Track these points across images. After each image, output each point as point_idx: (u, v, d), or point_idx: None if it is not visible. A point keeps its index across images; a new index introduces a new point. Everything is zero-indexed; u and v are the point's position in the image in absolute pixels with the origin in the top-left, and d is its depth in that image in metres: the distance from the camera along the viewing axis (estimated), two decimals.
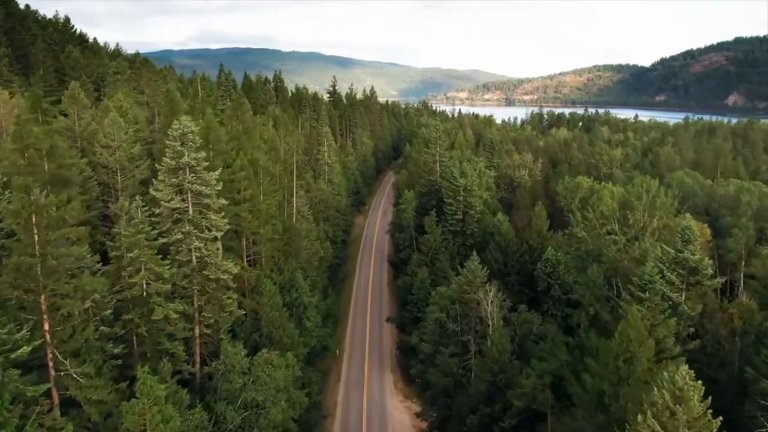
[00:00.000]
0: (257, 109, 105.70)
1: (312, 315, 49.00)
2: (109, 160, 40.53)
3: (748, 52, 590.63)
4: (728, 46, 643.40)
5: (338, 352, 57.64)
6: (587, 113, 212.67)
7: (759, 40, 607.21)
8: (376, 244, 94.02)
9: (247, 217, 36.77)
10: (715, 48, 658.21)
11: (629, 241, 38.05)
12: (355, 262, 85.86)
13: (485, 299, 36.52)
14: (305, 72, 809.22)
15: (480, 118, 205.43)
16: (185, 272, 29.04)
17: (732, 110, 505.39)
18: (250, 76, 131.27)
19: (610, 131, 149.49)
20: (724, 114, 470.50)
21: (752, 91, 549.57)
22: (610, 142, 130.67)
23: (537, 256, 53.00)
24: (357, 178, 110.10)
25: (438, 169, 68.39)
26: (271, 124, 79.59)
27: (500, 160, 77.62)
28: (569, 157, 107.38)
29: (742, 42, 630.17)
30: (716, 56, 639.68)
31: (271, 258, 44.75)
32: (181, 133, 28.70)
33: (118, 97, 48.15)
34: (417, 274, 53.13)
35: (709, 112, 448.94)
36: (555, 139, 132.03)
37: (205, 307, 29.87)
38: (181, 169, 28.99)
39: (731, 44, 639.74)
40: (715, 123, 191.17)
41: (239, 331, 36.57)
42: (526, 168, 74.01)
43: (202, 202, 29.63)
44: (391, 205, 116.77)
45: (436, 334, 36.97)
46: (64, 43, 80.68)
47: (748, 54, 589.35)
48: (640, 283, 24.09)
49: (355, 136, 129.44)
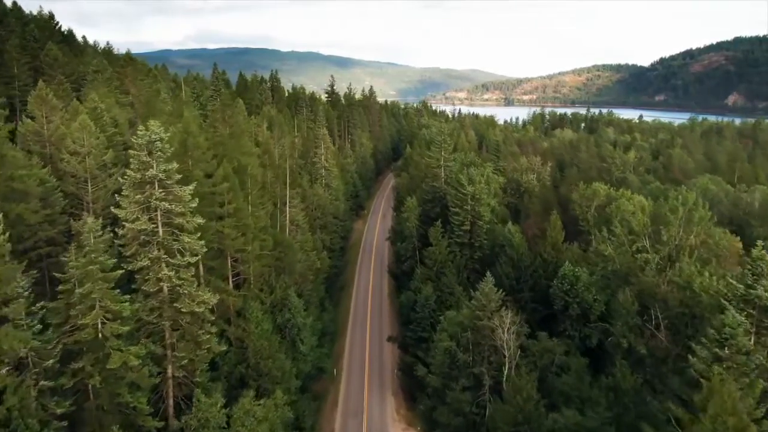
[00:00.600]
0: (252, 110, 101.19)
1: (306, 337, 44.61)
2: (77, 169, 36.05)
3: (748, 52, 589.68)
4: (728, 45, 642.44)
5: (335, 372, 53.26)
6: (589, 113, 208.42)
7: (759, 39, 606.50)
8: (376, 250, 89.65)
9: (231, 234, 32.33)
10: (714, 48, 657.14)
11: (662, 260, 33.68)
12: (353, 270, 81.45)
13: (501, 326, 32.22)
14: (304, 72, 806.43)
15: (480, 118, 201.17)
16: (153, 305, 24.55)
17: (732, 110, 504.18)
18: (246, 75, 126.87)
19: (616, 132, 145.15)
20: (724, 114, 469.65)
21: (752, 91, 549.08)
22: (617, 144, 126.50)
23: (552, 271, 48.61)
24: (356, 181, 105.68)
25: (443, 174, 63.91)
26: (265, 125, 75.08)
27: (506, 163, 73.20)
28: (577, 159, 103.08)
29: (742, 42, 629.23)
30: (716, 56, 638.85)
31: (261, 276, 40.33)
32: (148, 141, 24.21)
33: (92, 97, 43.57)
34: (421, 290, 48.74)
35: (709, 112, 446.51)
36: (560, 140, 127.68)
37: (178, 345, 25.37)
38: (149, 183, 24.52)
39: (731, 44, 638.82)
40: (721, 123, 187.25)
41: (221, 363, 32.21)
42: (534, 172, 69.52)
43: (173, 221, 25.14)
44: (391, 209, 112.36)
45: (445, 365, 32.68)
46: (46, 41, 76.01)
47: (747, 54, 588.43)
48: (718, 338, 19.39)
49: (354, 138, 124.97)
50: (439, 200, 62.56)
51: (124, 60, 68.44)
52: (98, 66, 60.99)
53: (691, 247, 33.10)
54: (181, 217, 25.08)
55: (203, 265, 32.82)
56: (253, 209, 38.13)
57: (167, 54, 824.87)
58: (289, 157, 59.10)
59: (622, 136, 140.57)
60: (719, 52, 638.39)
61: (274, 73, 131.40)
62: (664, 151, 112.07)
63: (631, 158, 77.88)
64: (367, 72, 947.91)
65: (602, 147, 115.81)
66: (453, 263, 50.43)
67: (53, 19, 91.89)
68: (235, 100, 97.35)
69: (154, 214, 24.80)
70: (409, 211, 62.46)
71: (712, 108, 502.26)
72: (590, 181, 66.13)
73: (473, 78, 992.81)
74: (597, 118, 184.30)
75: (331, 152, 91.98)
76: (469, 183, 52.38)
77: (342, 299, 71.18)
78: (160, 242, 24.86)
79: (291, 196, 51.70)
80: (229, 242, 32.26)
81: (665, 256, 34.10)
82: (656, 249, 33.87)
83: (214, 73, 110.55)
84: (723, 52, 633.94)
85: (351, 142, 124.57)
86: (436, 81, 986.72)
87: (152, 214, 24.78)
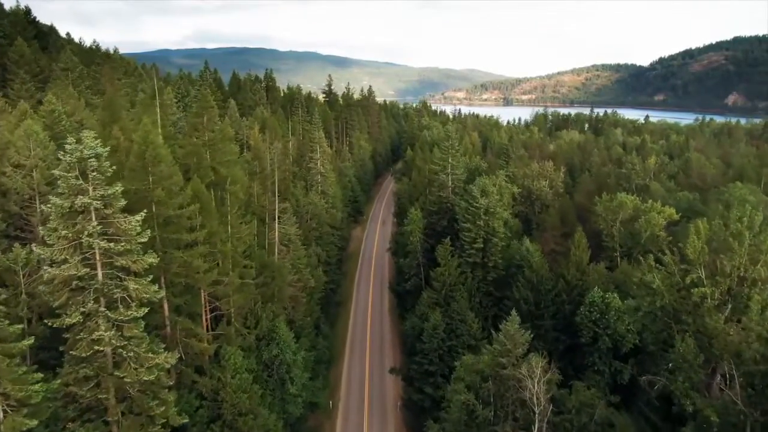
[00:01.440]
0: (246, 111, 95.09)
1: (297, 375, 38.71)
2: (20, 184, 30.15)
3: (748, 52, 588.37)
4: (727, 45, 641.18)
5: (331, 404, 47.49)
6: (593, 113, 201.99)
7: (758, 39, 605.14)
8: (376, 262, 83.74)
9: (200, 266, 26.42)
10: (714, 47, 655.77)
11: (722, 295, 27.95)
12: (351, 284, 75.57)
13: (530, 376, 26.49)
14: (302, 72, 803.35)
15: (481, 118, 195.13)
16: (87, 374, 18.63)
17: (732, 110, 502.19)
18: (239, 74, 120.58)
19: (624, 133, 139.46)
20: (725, 114, 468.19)
21: (752, 91, 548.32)
22: (626, 146, 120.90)
23: (577, 295, 42.94)
24: (354, 186, 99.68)
25: (450, 182, 57.96)
26: (257, 128, 69.13)
27: (517, 169, 67.23)
28: (588, 164, 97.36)
29: (741, 41, 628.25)
30: (715, 55, 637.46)
31: (243, 308, 34.43)
32: (79, 158, 18.26)
33: (49, 99, 37.54)
34: (428, 317, 42.89)
35: (709, 112, 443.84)
36: (567, 142, 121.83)
37: (124, 422, 19.43)
38: (81, 212, 18.58)
39: (730, 43, 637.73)
40: (729, 124, 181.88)
41: (190, 424, 26.34)
42: (546, 178, 63.47)
43: (115, 262, 19.20)
44: (391, 215, 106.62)
45: (461, 422, 26.91)
46: (17, 36, 69.79)
47: (747, 53, 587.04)
48: None
49: (352, 140, 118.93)
50: (446, 212, 56.67)
51: (101, 57, 62.30)
52: (67, 63, 54.75)
53: (758, 281, 27.36)
54: (126, 257, 19.12)
55: (168, 303, 26.91)
56: (233, 231, 32.20)
57: (166, 54, 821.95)
58: (282, 164, 53.19)
59: (630, 137, 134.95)
60: (719, 51, 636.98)
61: (269, 72, 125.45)
62: (679, 155, 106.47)
63: (652, 164, 72.01)
64: (366, 72, 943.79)
65: (612, 149, 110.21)
66: (464, 286, 44.61)
67: (29, 14, 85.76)
68: (227, 101, 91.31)
69: (90, 253, 18.83)
70: (412, 223, 56.50)
71: (713, 108, 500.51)
72: (606, 188, 60.40)
73: (472, 78, 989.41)
74: (601, 119, 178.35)
75: (327, 156, 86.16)
76: (482, 195, 46.51)
77: (339, 317, 65.36)
78: (98, 289, 18.91)
79: (281, 210, 45.74)
80: (198, 277, 26.35)
81: (725, 290, 28.33)
82: (715, 282, 28.08)
83: (205, 72, 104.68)
84: (723, 51, 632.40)
85: (349, 145, 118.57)
86: (434, 81, 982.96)
87: (86, 253, 18.82)
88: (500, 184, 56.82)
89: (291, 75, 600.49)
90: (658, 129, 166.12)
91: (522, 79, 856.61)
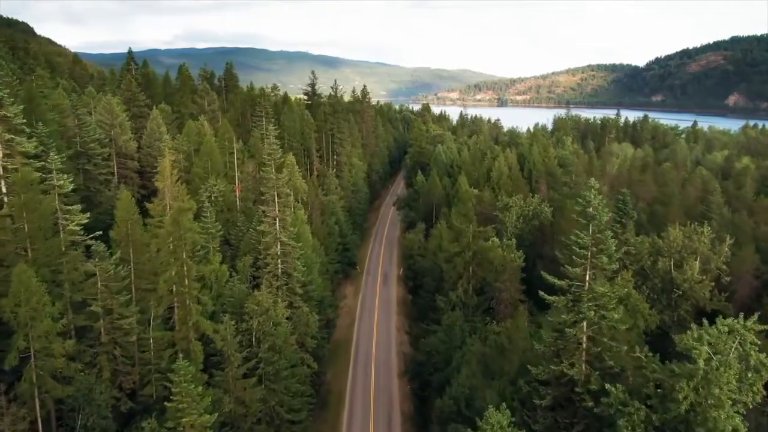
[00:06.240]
0: (184, 120, 64.78)
1: None
2: None
3: (747, 52, 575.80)
4: (725, 45, 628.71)
5: None
6: (619, 116, 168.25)
7: (756, 39, 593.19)
8: (378, 360, 50.69)
9: None
10: (712, 47, 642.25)
11: None
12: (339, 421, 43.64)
13: None
14: (293, 72, 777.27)
15: (493, 123, 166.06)
16: None
17: (733, 110, 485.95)
18: (188, 70, 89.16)
19: (690, 145, 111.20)
20: (726, 114, 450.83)
21: (753, 91, 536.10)
22: (701, 163, 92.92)
23: None
24: (342, 227, 69.83)
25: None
26: (169, 160, 38.84)
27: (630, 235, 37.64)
28: (672, 195, 68.88)
29: (739, 41, 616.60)
30: (713, 55, 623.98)
31: None
32: None
33: None
34: None
35: (710, 113, 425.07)
36: (622, 160, 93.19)
37: None
38: None
39: (728, 43, 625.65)
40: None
41: None
42: (697, 255, 33.90)
43: None
44: (395, 268, 77.04)
45: None
46: None
47: (746, 53, 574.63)
48: None
49: (341, 158, 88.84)
50: None
51: None
52: None
53: None
54: None
55: None
56: None
57: (156, 53, 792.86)
58: (185, 254, 23.44)
59: (704, 152, 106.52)
60: (717, 51, 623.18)
61: (229, 65, 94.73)
62: None
63: None
64: (357, 72, 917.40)
65: (695, 174, 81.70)
66: None
67: None
68: (157, 107, 61.03)
69: None
70: None
71: (713, 108, 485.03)
72: None
73: (464, 78, 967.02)
74: (637, 124, 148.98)
75: (302, 192, 56.25)
76: None
77: None
78: None
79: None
80: None
81: None
82: None
83: (130, 66, 74.09)
84: (721, 51, 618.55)
85: (337, 165, 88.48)
86: (426, 81, 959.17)
87: None
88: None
89: (281, 75, 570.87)
90: (707, 137, 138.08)
91: (516, 79, 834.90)
